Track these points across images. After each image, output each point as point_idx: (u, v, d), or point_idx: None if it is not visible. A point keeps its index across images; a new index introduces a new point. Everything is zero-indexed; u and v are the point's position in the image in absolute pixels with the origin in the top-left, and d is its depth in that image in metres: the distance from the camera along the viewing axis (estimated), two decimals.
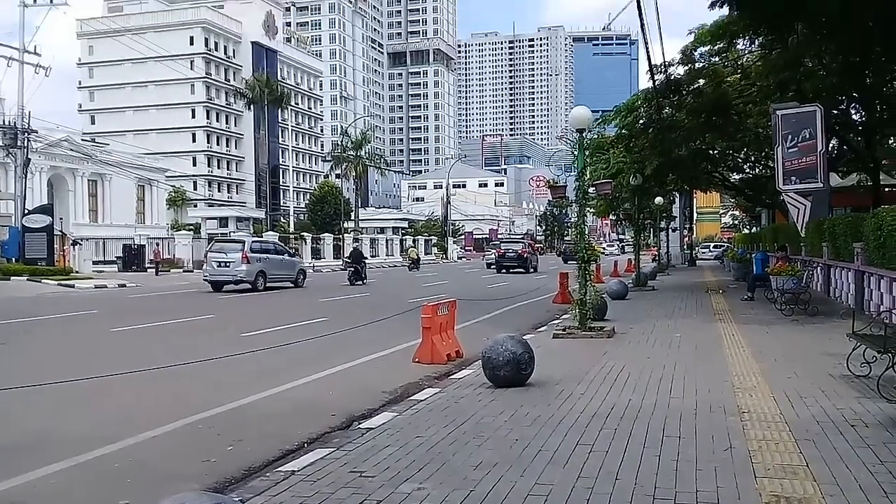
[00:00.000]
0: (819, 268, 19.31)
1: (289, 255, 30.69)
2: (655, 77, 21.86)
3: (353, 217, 68.51)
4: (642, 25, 14.77)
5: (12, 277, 30.09)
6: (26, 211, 34.14)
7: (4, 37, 35.01)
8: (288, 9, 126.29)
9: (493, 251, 48.12)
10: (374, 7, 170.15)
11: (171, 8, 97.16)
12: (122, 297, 24.27)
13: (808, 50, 18.34)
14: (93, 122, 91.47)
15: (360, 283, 29.45)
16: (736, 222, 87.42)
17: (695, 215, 61.12)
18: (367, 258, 37.94)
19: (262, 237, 39.98)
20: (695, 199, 56.59)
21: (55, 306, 19.76)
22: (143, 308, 19.95)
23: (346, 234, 60.26)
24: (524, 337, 8.95)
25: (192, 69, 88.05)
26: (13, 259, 32.86)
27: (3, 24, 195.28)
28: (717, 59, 24.16)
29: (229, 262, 25.69)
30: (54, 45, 42.41)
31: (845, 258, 16.32)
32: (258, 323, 15.05)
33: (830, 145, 20.69)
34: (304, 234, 57.54)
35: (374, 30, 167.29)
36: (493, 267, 42.53)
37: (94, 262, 41.55)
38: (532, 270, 40.44)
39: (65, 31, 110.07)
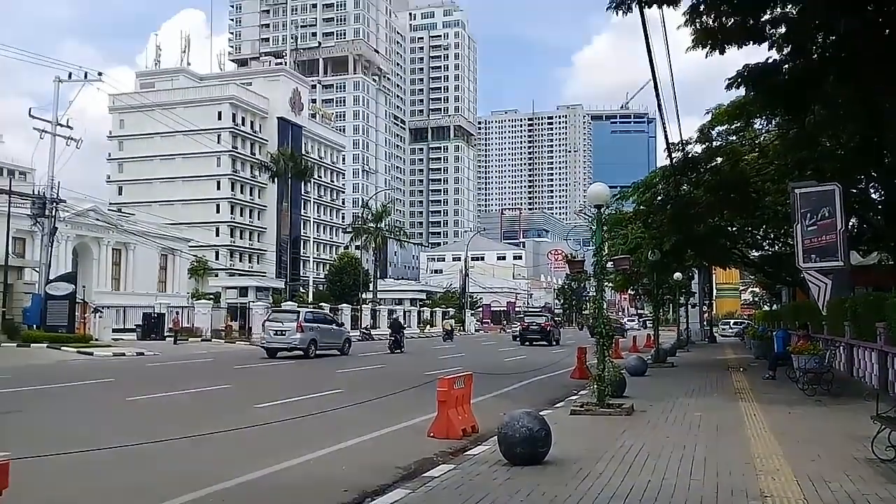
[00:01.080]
0: (841, 347, 18.99)
1: (336, 325, 33.13)
2: (673, 155, 22.10)
3: (371, 288, 68.72)
4: (659, 106, 15.06)
5: (33, 344, 30.28)
6: (50, 279, 34.61)
7: (39, 110, 35.99)
8: (314, 86, 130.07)
9: (518, 324, 49.50)
10: (398, 85, 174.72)
11: (200, 84, 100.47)
12: (139, 366, 24.30)
13: (824, 129, 18.51)
14: (120, 193, 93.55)
15: (399, 351, 32.27)
16: (756, 299, 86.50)
17: (714, 291, 60.62)
18: (405, 328, 40.87)
19: (314, 307, 42.82)
20: (714, 276, 56.25)
21: (73, 374, 19.81)
22: (160, 377, 19.95)
23: (364, 305, 60.34)
24: (541, 413, 8.84)
25: (218, 143, 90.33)
26: (35, 326, 33.14)
27: (40, 98, 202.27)
28: (734, 137, 24.41)
29: (285, 331, 27.97)
30: (87, 119, 43.85)
31: (868, 338, 16.06)
32: (273, 394, 14.97)
33: (850, 224, 20.63)
34: (323, 304, 57.69)
35: (397, 107, 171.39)
36: (517, 339, 43.63)
37: (114, 330, 41.77)
38: (555, 343, 41.57)
39: (98, 105, 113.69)
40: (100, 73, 37.88)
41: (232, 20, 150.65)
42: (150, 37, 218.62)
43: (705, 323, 53.43)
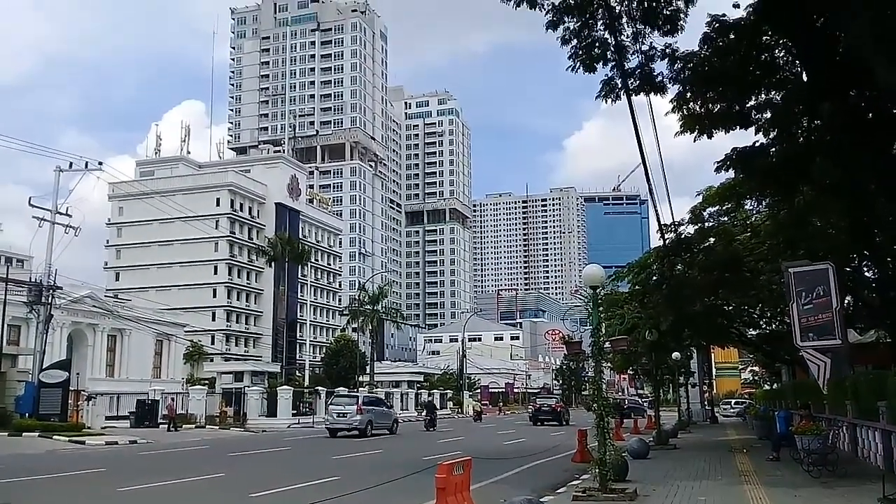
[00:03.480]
0: (844, 427, 18.78)
1: (387, 407, 37.97)
2: (666, 236, 22.41)
3: (368, 370, 68.07)
4: (650, 189, 15.40)
5: (24, 433, 29.70)
6: (44, 366, 34.26)
7: (39, 199, 36.41)
8: (311, 172, 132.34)
9: (531, 406, 55.79)
10: (393, 170, 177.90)
11: (200, 172, 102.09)
12: (132, 455, 23.83)
13: (814, 210, 18.84)
14: (117, 279, 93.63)
15: (432, 429, 37.12)
16: (756, 378, 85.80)
17: (714, 371, 60.22)
18: (437, 409, 47.01)
19: (369, 392, 47.74)
20: (713, 355, 56.01)
21: (64, 464, 19.41)
22: (153, 466, 19.54)
23: (361, 388, 59.57)
24: (542, 499, 8.70)
25: (216, 228, 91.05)
26: (27, 414, 32.61)
27: (40, 186, 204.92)
28: (726, 218, 24.80)
29: (346, 413, 31.65)
30: (86, 206, 44.30)
31: (871, 417, 15.92)
32: (269, 482, 14.68)
33: (846, 302, 20.74)
34: (319, 388, 56.97)
35: (393, 191, 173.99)
36: (531, 420, 46.89)
37: (108, 417, 41.09)
38: (565, 423, 44.02)
39: (97, 193, 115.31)
40: (100, 163, 38.42)
41: (232, 110, 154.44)
42: (151, 127, 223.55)
43: (706, 403, 52.84)
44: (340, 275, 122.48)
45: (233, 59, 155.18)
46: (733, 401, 72.85)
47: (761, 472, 15.84)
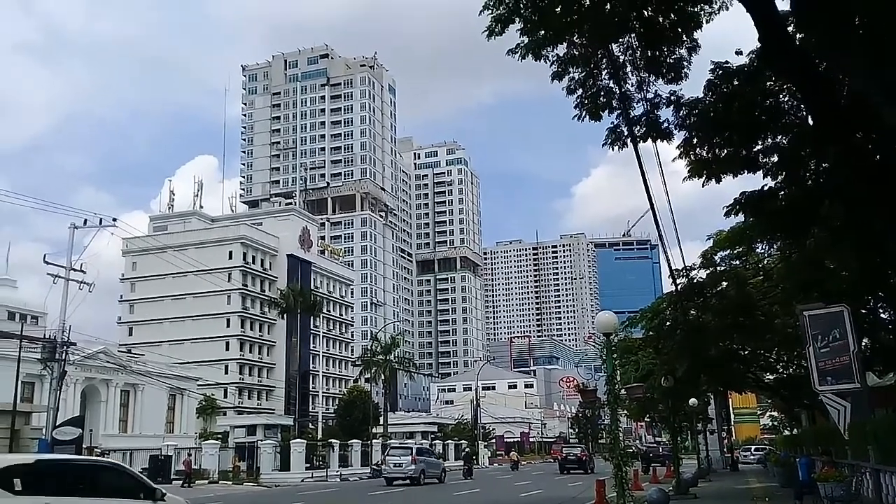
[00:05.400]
0: (867, 472, 18.39)
1: (436, 457, 42.20)
2: (678, 281, 22.35)
3: (381, 422, 67.41)
4: (660, 234, 15.45)
5: None
6: (57, 423, 34.17)
7: (54, 256, 36.81)
8: (323, 224, 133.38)
9: (554, 454, 62.51)
10: (404, 220, 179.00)
11: (212, 226, 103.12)
12: None
13: (826, 252, 18.76)
14: (130, 334, 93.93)
15: (470, 478, 40.37)
16: (775, 423, 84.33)
17: (732, 417, 59.30)
18: (476, 457, 52.96)
19: (420, 443, 52.24)
20: (731, 401, 55.24)
21: None
22: None
23: (374, 440, 59.00)
24: None
25: (229, 281, 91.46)
26: None
27: (54, 243, 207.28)
28: (737, 262, 24.72)
29: (402, 463, 34.68)
30: (100, 262, 44.68)
31: (893, 462, 15.60)
32: None
33: (863, 344, 20.50)
34: (332, 441, 56.45)
35: (404, 240, 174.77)
36: (560, 469, 49.47)
37: None
38: (590, 471, 45.18)
39: (111, 248, 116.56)
40: (114, 219, 38.82)
41: (244, 164, 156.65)
42: (164, 182, 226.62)
43: (725, 449, 51.87)
44: (352, 325, 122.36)
45: (244, 115, 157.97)
46: (753, 447, 71.50)
47: None
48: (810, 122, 15.77)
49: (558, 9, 11.65)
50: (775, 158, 16.36)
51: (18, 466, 9.41)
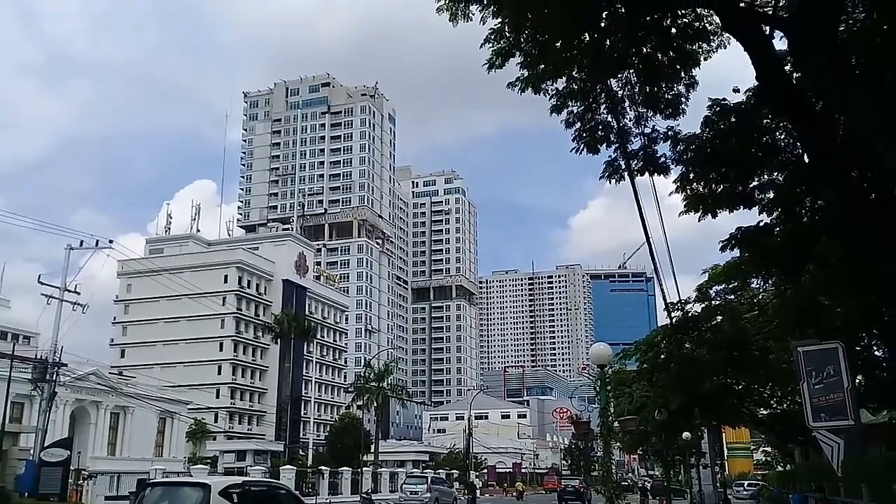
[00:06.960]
0: None
1: (448, 486, 46.11)
2: (673, 314, 22.39)
3: (373, 449, 66.84)
4: (655, 268, 15.53)
5: None
6: (45, 445, 33.85)
7: (48, 276, 36.79)
8: (319, 250, 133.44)
9: (545, 485, 68.57)
10: (400, 248, 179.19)
11: (209, 250, 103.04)
12: None
13: (821, 289, 18.83)
14: (122, 356, 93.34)
15: None
16: (769, 459, 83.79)
17: (725, 451, 58.96)
18: (478, 489, 56.92)
19: (435, 473, 56.72)
20: (724, 435, 54.95)
21: None
22: None
23: (364, 468, 58.49)
24: None
25: (223, 305, 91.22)
26: (27, 494, 32.06)
27: (49, 263, 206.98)
28: (732, 296, 24.79)
29: (418, 491, 38.03)
30: (95, 283, 44.68)
31: (887, 500, 15.54)
32: None
33: (857, 381, 20.49)
34: (322, 468, 55.89)
35: (400, 268, 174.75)
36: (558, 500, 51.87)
37: (108, 498, 40.33)
38: (588, 502, 47.98)
39: (107, 270, 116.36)
40: (110, 241, 38.84)
41: (242, 189, 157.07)
42: (162, 206, 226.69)
43: (718, 484, 51.44)
44: (346, 351, 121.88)
45: (244, 140, 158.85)
46: (746, 482, 70.94)
47: None
48: (806, 159, 15.94)
49: (558, 44, 11.81)
50: (771, 195, 16.49)
51: (235, 485, 12.72)
